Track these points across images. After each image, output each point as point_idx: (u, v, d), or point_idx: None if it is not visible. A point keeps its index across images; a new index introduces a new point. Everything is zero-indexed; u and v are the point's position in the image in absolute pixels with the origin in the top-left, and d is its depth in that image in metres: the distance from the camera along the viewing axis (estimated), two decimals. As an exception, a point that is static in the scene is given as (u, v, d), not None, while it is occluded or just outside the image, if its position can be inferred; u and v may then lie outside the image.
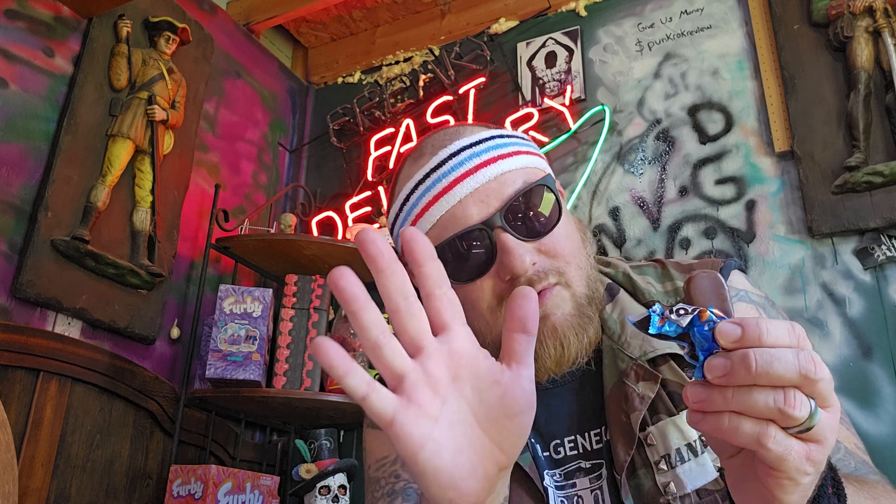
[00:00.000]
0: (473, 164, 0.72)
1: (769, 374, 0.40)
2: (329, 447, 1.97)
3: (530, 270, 0.69)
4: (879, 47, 1.86)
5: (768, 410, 0.41)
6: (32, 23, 1.84)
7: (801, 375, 0.41)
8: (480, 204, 0.70)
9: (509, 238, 0.69)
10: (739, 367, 0.41)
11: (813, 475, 0.44)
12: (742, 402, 0.42)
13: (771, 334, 0.41)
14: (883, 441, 1.62)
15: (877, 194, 1.77)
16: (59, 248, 1.74)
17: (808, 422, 0.42)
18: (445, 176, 0.72)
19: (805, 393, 0.42)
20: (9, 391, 1.59)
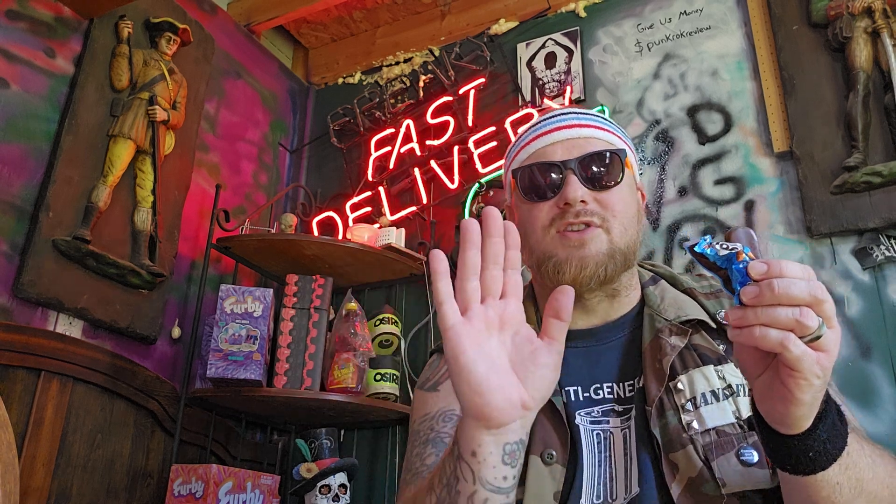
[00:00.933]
0: (573, 121, 0.93)
1: (788, 294, 0.56)
2: (329, 446, 1.97)
3: (579, 205, 0.87)
4: (878, 48, 1.87)
5: (788, 321, 0.56)
6: (33, 23, 1.84)
7: (811, 296, 0.56)
8: (565, 150, 0.91)
9: (574, 178, 0.88)
10: (766, 290, 0.56)
11: (822, 380, 0.58)
12: (769, 316, 0.56)
13: (788, 269, 0.57)
14: (882, 441, 1.62)
15: (875, 194, 1.78)
16: (60, 248, 1.74)
17: (818, 331, 0.56)
18: (550, 123, 0.94)
19: (814, 311, 0.56)
20: (10, 391, 1.59)
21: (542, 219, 0.90)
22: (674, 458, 0.79)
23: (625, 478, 0.81)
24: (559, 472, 0.83)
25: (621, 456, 0.83)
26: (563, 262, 0.87)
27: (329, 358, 2.01)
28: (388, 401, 2.05)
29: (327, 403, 1.95)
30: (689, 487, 0.77)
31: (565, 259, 0.87)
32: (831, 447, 0.62)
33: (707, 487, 0.76)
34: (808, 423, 0.61)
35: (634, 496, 0.79)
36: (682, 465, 0.78)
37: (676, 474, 0.78)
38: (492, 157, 2.36)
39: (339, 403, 1.94)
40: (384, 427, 2.20)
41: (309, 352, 1.96)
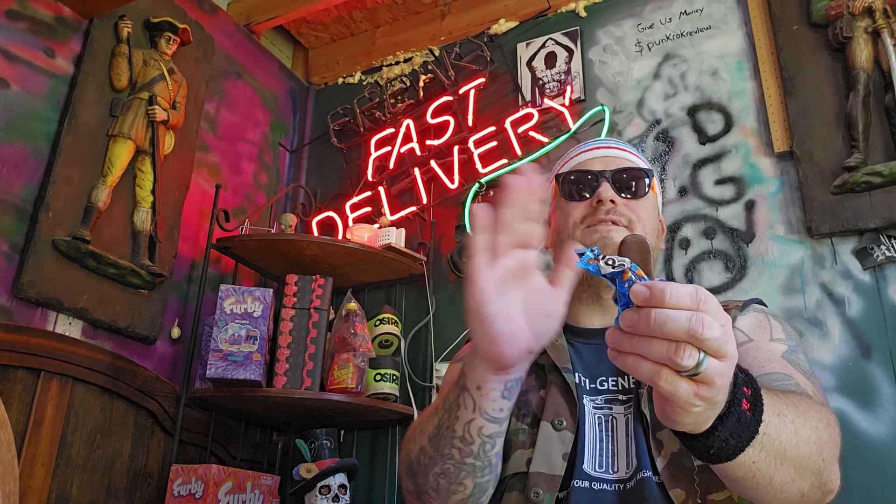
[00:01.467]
0: (612, 145, 1.13)
1: (663, 330, 0.52)
2: (329, 447, 1.97)
3: (608, 204, 1.02)
4: (879, 48, 1.87)
5: (661, 357, 0.53)
6: (33, 23, 1.84)
7: (688, 333, 0.52)
8: (602, 163, 1.09)
9: (607, 184, 1.05)
10: (642, 321, 0.53)
11: (703, 407, 0.56)
12: (643, 349, 0.54)
13: (672, 298, 0.53)
14: (882, 441, 1.62)
15: (876, 194, 1.77)
16: (60, 248, 1.74)
17: (695, 369, 0.53)
18: (594, 143, 1.14)
19: (695, 346, 0.53)
20: (10, 391, 1.59)
21: (575, 215, 1.05)
22: (660, 436, 0.88)
23: (626, 455, 0.90)
24: (568, 437, 0.91)
25: (623, 437, 0.91)
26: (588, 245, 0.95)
27: (329, 358, 2.01)
28: (388, 401, 2.04)
29: (327, 404, 1.95)
30: (671, 461, 0.85)
31: (591, 243, 0.99)
32: (735, 442, 0.62)
33: (685, 461, 0.85)
34: (704, 427, 0.60)
35: (635, 468, 0.88)
36: (665, 442, 0.87)
37: (661, 450, 0.87)
38: (492, 157, 2.36)
39: (338, 404, 1.94)
40: (384, 427, 2.20)
41: (309, 352, 1.96)
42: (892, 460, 1.59)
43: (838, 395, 1.69)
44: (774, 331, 0.97)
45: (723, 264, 1.95)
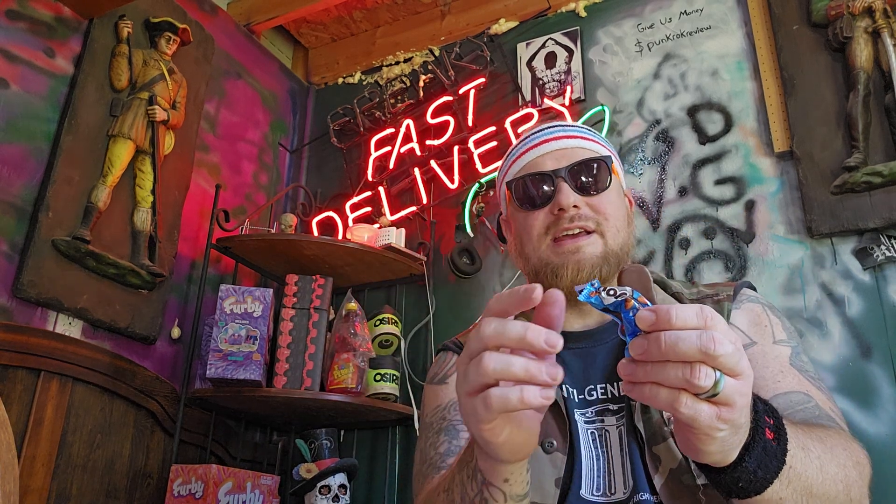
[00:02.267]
0: (560, 133, 0.99)
1: (675, 351, 0.50)
2: (329, 447, 1.97)
3: (572, 210, 0.92)
4: (879, 48, 1.87)
5: (678, 381, 0.51)
6: (33, 23, 1.84)
7: (701, 352, 0.50)
8: (555, 160, 0.97)
9: (565, 185, 0.94)
10: (653, 346, 0.51)
11: (727, 430, 0.54)
12: (658, 375, 0.52)
13: (679, 318, 0.51)
14: (882, 441, 1.62)
15: (876, 194, 1.77)
16: (60, 249, 1.74)
17: (713, 389, 0.51)
18: (538, 136, 1.00)
19: (710, 366, 0.51)
20: (10, 391, 1.59)
21: (537, 227, 0.95)
22: (656, 450, 0.83)
23: (622, 473, 0.85)
24: (560, 459, 0.86)
25: (618, 452, 0.87)
26: (560, 267, 0.91)
27: (329, 358, 2.01)
28: (388, 401, 2.04)
29: (327, 403, 1.95)
30: (670, 478, 0.81)
31: (562, 264, 0.91)
32: (763, 473, 0.60)
33: (686, 478, 0.80)
34: (730, 458, 0.58)
35: (632, 488, 0.83)
36: (663, 457, 0.83)
37: (659, 466, 0.82)
38: (492, 157, 2.36)
39: (338, 404, 1.94)
40: (384, 427, 2.20)
41: (309, 352, 1.96)
42: (893, 460, 1.59)
43: (838, 395, 1.69)
44: (776, 330, 0.92)
45: (723, 264, 1.95)
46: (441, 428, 0.94)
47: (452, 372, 1.01)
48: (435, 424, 0.96)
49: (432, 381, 1.04)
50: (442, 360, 1.07)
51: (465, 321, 2.21)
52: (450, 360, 1.05)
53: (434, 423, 0.97)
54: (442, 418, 0.96)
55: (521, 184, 0.97)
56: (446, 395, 0.99)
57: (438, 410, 0.98)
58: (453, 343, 1.08)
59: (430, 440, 0.94)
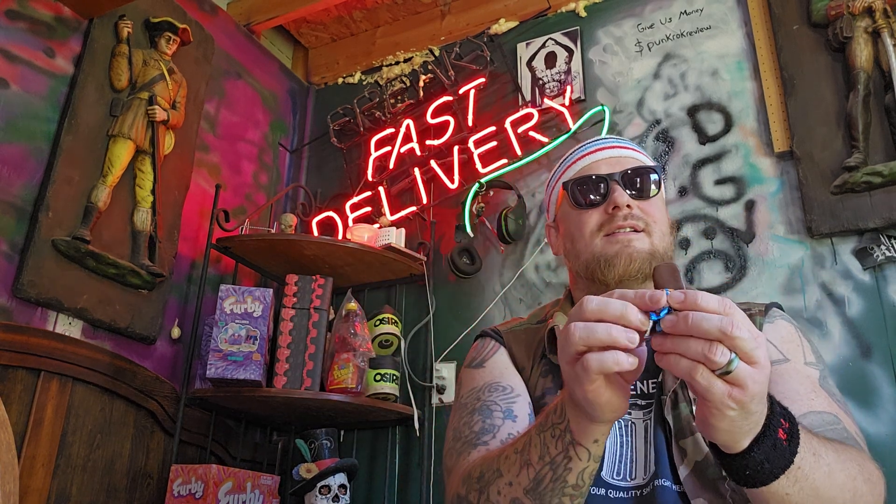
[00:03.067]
0: (612, 143, 1.10)
1: (699, 328, 0.57)
2: (329, 447, 1.97)
3: (625, 209, 0.99)
4: (879, 48, 1.87)
5: (697, 354, 0.58)
6: (33, 23, 1.84)
7: (720, 332, 0.57)
8: (610, 166, 1.05)
9: (619, 188, 1.02)
10: (681, 322, 0.58)
11: (738, 412, 0.60)
12: (681, 347, 0.59)
13: (704, 301, 0.58)
14: (882, 441, 1.62)
15: (876, 194, 1.77)
16: (60, 249, 1.74)
17: (727, 367, 0.57)
18: (595, 144, 1.10)
19: (727, 346, 0.57)
20: (10, 391, 1.59)
21: (590, 224, 1.02)
22: (683, 444, 0.88)
23: (644, 461, 0.91)
24: None
25: (642, 442, 0.92)
26: (614, 258, 0.98)
27: (329, 358, 2.01)
28: (388, 401, 2.04)
29: (327, 403, 1.95)
30: (695, 470, 0.86)
31: (615, 254, 0.98)
32: (770, 466, 0.65)
33: (711, 472, 0.85)
34: (740, 445, 0.64)
35: (652, 474, 0.88)
36: (689, 451, 0.87)
37: (685, 458, 0.87)
38: (492, 157, 2.36)
39: (338, 403, 1.94)
40: (384, 427, 2.20)
41: (309, 352, 1.96)
42: (893, 460, 1.59)
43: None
44: (806, 351, 0.96)
45: (723, 264, 1.95)
46: (475, 408, 0.99)
47: (490, 356, 1.09)
48: (469, 405, 1.00)
49: (470, 365, 1.10)
50: (481, 346, 1.13)
51: (464, 321, 2.21)
52: (488, 345, 1.11)
53: (469, 404, 1.01)
54: (476, 399, 1.00)
55: (578, 184, 1.05)
56: (482, 378, 1.05)
57: (473, 392, 1.03)
58: (493, 330, 1.14)
59: (463, 419, 0.99)
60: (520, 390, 1.02)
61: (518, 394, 1.01)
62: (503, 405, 0.99)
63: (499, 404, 0.99)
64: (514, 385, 1.03)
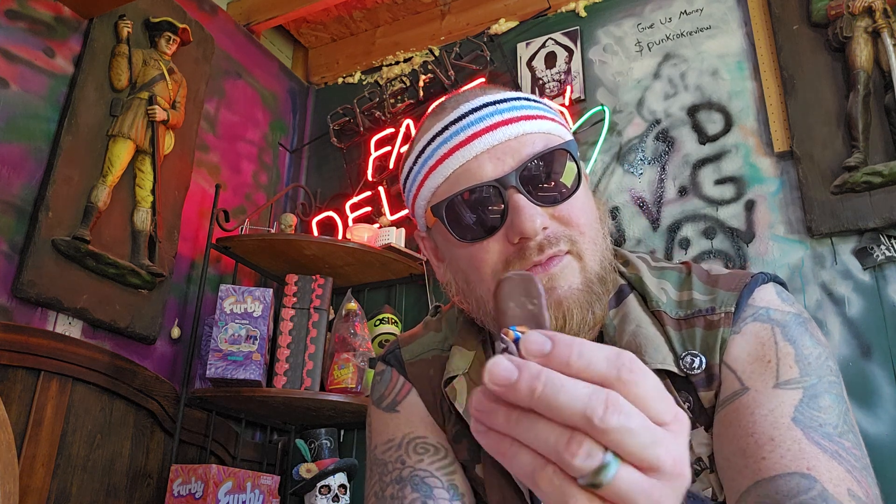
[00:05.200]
0: (494, 120, 0.69)
1: (550, 404, 0.33)
2: (329, 447, 1.97)
3: (540, 234, 0.66)
4: (879, 47, 1.87)
5: (546, 448, 0.34)
6: (33, 23, 1.84)
7: (584, 417, 0.33)
8: (497, 161, 0.67)
9: (522, 198, 0.66)
10: (523, 384, 0.34)
11: None
12: (521, 431, 0.35)
13: (583, 357, 0.34)
14: (882, 441, 1.62)
15: (876, 194, 1.77)
16: (59, 248, 1.74)
17: (594, 477, 0.33)
18: (464, 129, 0.69)
19: (596, 440, 0.33)
20: (10, 391, 1.59)
21: (491, 262, 0.68)
22: None
23: None
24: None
25: None
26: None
27: (329, 358, 2.01)
28: (388, 401, 2.04)
29: (327, 403, 1.95)
30: None
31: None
32: None
33: None
34: None
35: None
36: None
37: None
38: (492, 157, 2.36)
39: (338, 403, 1.94)
40: (384, 427, 2.19)
41: (309, 352, 1.96)
42: (893, 460, 1.59)
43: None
44: (783, 365, 0.66)
45: (723, 264, 1.95)
46: (403, 477, 0.75)
47: (402, 396, 0.83)
48: (391, 467, 0.77)
49: (380, 405, 0.85)
50: (385, 378, 0.87)
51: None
52: (396, 382, 0.85)
53: (390, 465, 0.78)
54: (401, 461, 0.77)
55: (454, 206, 0.68)
56: (399, 427, 0.81)
57: (393, 448, 0.79)
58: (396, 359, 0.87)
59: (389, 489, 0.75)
60: (453, 453, 0.79)
61: (454, 459, 0.78)
62: (443, 478, 0.76)
63: (437, 476, 0.75)
64: (444, 445, 0.79)
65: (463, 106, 0.71)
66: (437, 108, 0.75)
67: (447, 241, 0.73)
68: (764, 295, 0.73)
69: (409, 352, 0.87)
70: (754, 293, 0.73)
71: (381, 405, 0.85)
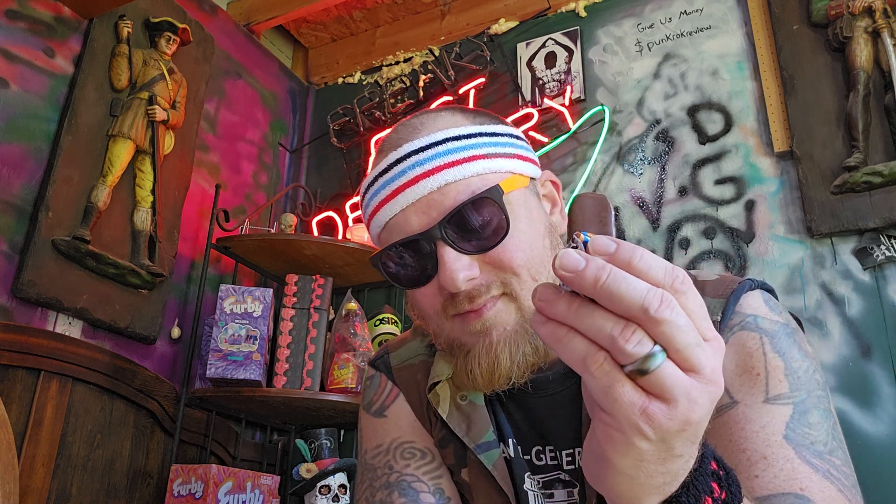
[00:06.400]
0: (415, 173, 0.69)
1: (612, 293, 0.36)
2: (329, 447, 1.97)
3: (464, 287, 0.66)
4: (878, 47, 1.87)
5: (601, 335, 0.37)
6: (33, 23, 1.84)
7: (642, 308, 0.36)
8: (422, 215, 0.68)
9: (448, 251, 0.66)
10: (589, 273, 0.37)
11: (652, 445, 0.38)
12: (580, 318, 0.38)
13: (643, 262, 0.37)
14: (882, 441, 1.62)
15: (876, 194, 1.77)
16: (59, 248, 1.74)
17: (642, 363, 0.36)
18: (389, 183, 0.70)
19: (649, 333, 0.37)
20: (10, 391, 1.59)
21: (432, 305, 0.71)
22: None
23: None
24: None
25: None
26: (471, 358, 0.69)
27: (329, 358, 2.01)
28: (388, 401, 2.04)
29: (327, 403, 1.95)
30: None
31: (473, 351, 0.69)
32: None
33: None
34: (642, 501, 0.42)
35: None
36: None
37: None
38: (492, 157, 2.36)
39: (338, 403, 1.94)
40: (384, 427, 2.19)
41: (309, 352, 1.96)
42: (893, 460, 1.59)
43: (838, 395, 1.69)
44: (772, 377, 0.65)
45: (723, 264, 1.95)
46: (391, 482, 0.77)
47: (390, 401, 0.85)
48: (382, 473, 0.79)
49: (369, 410, 0.86)
50: (374, 383, 0.88)
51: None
52: (384, 387, 0.86)
53: (378, 471, 0.79)
54: (388, 467, 0.79)
55: (388, 258, 0.71)
56: (387, 433, 0.82)
57: (381, 453, 0.81)
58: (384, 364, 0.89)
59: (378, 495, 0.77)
60: (440, 457, 0.80)
61: (440, 462, 0.80)
62: (430, 483, 0.77)
63: (423, 481, 0.77)
64: (431, 449, 0.80)
65: (391, 155, 0.72)
66: (384, 144, 0.76)
67: None
68: (751, 302, 0.72)
69: (397, 357, 0.88)
70: (741, 300, 0.72)
71: (371, 410, 0.86)
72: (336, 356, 1.99)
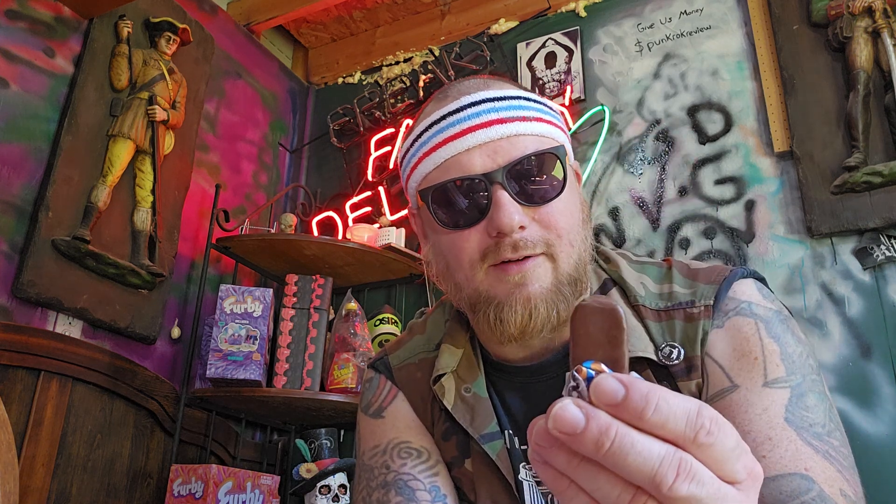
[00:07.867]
0: (490, 117, 0.71)
1: (617, 464, 0.32)
2: (329, 447, 1.97)
3: (517, 232, 0.68)
4: (878, 47, 1.87)
5: (607, 501, 0.33)
6: (33, 23, 1.84)
7: (653, 483, 0.31)
8: (486, 157, 0.70)
9: (504, 195, 0.69)
10: (589, 437, 0.32)
11: None
12: (584, 480, 0.33)
13: (660, 412, 0.32)
14: (882, 441, 1.62)
15: (876, 194, 1.77)
16: (59, 248, 1.74)
17: None
18: (461, 122, 0.72)
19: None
20: (10, 391, 1.59)
21: (469, 251, 0.71)
22: None
23: None
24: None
25: None
26: (506, 307, 0.70)
27: (329, 358, 2.01)
28: (388, 401, 2.04)
29: (327, 403, 1.95)
30: None
31: (507, 302, 0.70)
32: None
33: None
34: None
35: None
36: None
37: None
38: (492, 157, 2.36)
39: (338, 403, 1.94)
40: (384, 427, 2.19)
41: (309, 352, 1.96)
42: (893, 460, 1.59)
43: (838, 395, 1.69)
44: (769, 362, 0.67)
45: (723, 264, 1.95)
46: (388, 481, 0.78)
47: (388, 402, 0.86)
48: (378, 473, 0.80)
49: (367, 411, 0.88)
50: (374, 384, 0.89)
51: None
52: (383, 387, 0.88)
53: (376, 471, 0.80)
54: (385, 466, 0.80)
55: (442, 194, 0.71)
56: (385, 433, 0.83)
57: (378, 453, 0.82)
58: (384, 364, 0.90)
59: (375, 494, 0.78)
60: (437, 455, 0.81)
61: (437, 460, 0.81)
62: (426, 480, 0.78)
63: (419, 479, 0.78)
64: (428, 448, 0.81)
65: (463, 98, 0.74)
66: (440, 94, 0.79)
67: (431, 225, 0.76)
68: (745, 289, 0.74)
69: (396, 357, 0.90)
70: (733, 286, 0.74)
71: (369, 412, 0.87)
72: (336, 356, 1.99)
